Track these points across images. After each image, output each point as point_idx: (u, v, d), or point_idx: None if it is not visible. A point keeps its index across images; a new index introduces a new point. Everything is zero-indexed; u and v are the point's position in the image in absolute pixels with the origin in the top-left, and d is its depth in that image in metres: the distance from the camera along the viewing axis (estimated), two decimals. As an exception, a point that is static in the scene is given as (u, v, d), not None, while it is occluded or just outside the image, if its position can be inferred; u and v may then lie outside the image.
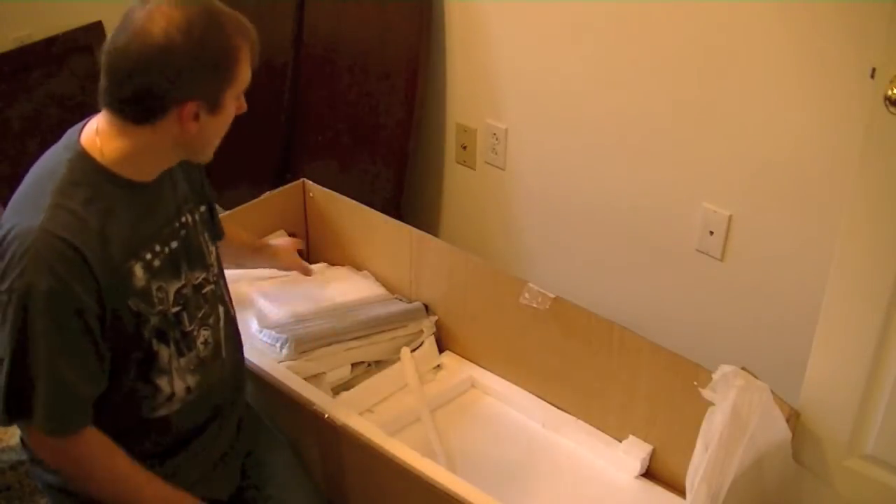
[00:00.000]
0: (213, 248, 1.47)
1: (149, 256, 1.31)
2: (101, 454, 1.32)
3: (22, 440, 1.42)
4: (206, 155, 1.34)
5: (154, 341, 1.33)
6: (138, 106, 1.22)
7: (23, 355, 1.21)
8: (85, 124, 1.29)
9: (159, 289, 1.33)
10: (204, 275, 1.42)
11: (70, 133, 1.30)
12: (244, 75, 1.27)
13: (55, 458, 1.32)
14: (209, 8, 1.23)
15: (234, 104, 1.29)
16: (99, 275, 1.23)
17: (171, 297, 1.35)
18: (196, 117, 1.24)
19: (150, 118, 1.23)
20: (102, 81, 1.22)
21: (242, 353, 1.56)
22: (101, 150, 1.26)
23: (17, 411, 1.25)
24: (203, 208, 1.46)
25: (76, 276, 1.21)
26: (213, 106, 1.25)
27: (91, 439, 1.30)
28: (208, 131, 1.28)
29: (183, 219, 1.39)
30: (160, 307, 1.33)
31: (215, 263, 1.47)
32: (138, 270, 1.29)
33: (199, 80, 1.22)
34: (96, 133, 1.26)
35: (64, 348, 1.22)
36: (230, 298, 1.53)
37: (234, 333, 1.53)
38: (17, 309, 1.20)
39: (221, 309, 1.48)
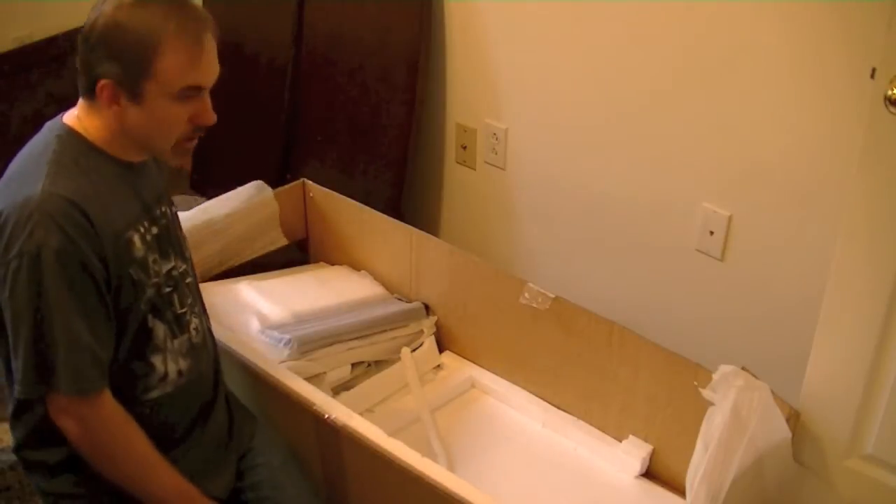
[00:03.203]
0: (186, 245, 1.51)
1: (142, 230, 1.36)
2: (120, 422, 1.33)
3: (15, 449, 1.41)
4: (155, 148, 1.35)
5: (150, 317, 1.36)
6: (82, 81, 1.30)
7: (41, 319, 1.23)
8: (63, 114, 1.35)
9: (154, 261, 1.37)
10: (184, 266, 1.46)
11: (53, 121, 1.35)
12: (170, 74, 1.26)
13: (80, 427, 1.31)
14: (149, 6, 1.26)
15: (170, 104, 1.28)
16: (103, 237, 1.26)
17: (163, 275, 1.38)
18: (115, 100, 1.28)
19: (90, 95, 1.29)
20: None
21: (217, 350, 1.57)
22: (86, 128, 1.32)
23: (41, 378, 1.26)
24: (174, 208, 1.49)
25: (82, 235, 1.24)
26: (133, 94, 1.27)
27: (110, 404, 1.31)
28: (137, 121, 1.30)
29: (162, 209, 1.43)
30: (155, 279, 1.36)
31: (191, 258, 1.51)
32: (137, 241, 1.33)
33: (108, 59, 1.26)
34: (77, 117, 1.33)
35: (78, 308, 1.24)
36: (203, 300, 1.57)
37: (210, 330, 1.55)
38: (30, 272, 1.21)
39: (202, 304, 1.52)
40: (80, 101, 1.33)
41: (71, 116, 1.34)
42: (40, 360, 1.25)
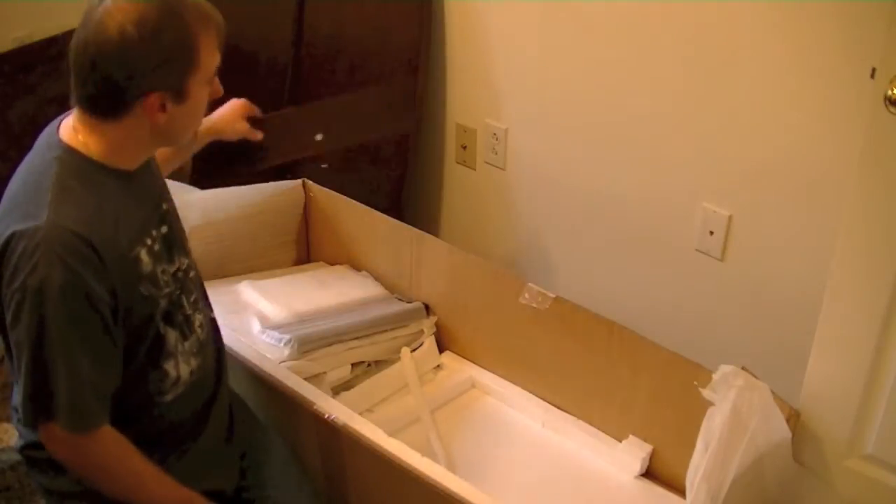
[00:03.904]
0: (186, 234, 1.50)
1: (149, 241, 1.33)
2: (117, 451, 1.32)
3: (22, 448, 1.41)
4: (184, 140, 1.37)
5: (162, 325, 1.35)
6: (103, 102, 1.23)
7: (41, 353, 1.22)
8: (59, 124, 1.30)
9: (163, 272, 1.35)
10: (187, 260, 1.45)
11: (48, 134, 1.31)
12: (208, 61, 1.27)
13: (75, 457, 1.31)
14: None
15: (204, 90, 1.29)
16: (110, 265, 1.24)
17: (171, 281, 1.37)
18: (163, 108, 1.24)
19: (116, 113, 1.24)
20: (71, 79, 1.24)
21: (221, 339, 1.56)
22: (85, 144, 1.27)
23: (40, 411, 1.25)
24: (172, 200, 1.47)
25: (88, 267, 1.21)
26: (179, 95, 1.25)
27: (109, 436, 1.30)
28: (179, 119, 1.28)
29: (164, 205, 1.41)
30: (167, 289, 1.35)
31: (190, 250, 1.49)
32: (144, 256, 1.31)
33: (157, 72, 1.22)
34: (75, 130, 1.28)
35: (81, 343, 1.23)
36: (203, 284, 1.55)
37: (212, 320, 1.53)
38: (32, 306, 1.20)
39: (202, 294, 1.51)
40: (82, 117, 1.27)
41: (67, 131, 1.28)
42: (39, 393, 1.24)
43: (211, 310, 1.54)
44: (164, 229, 1.38)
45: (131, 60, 1.20)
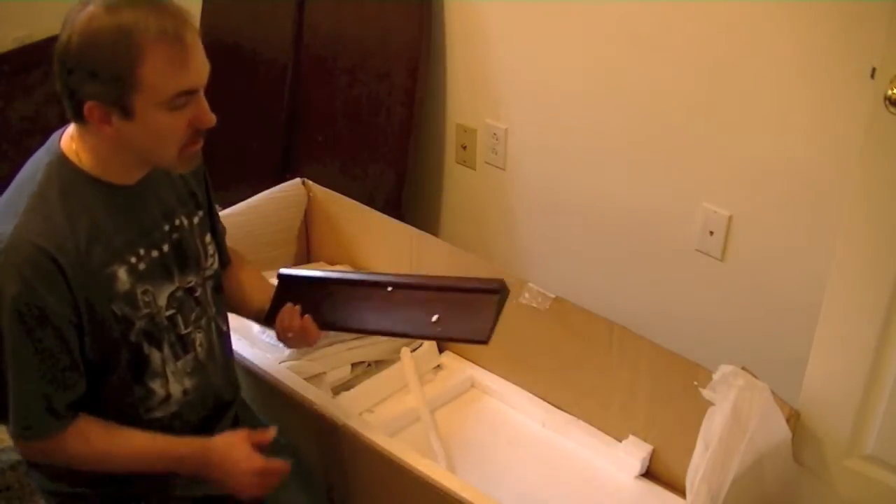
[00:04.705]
0: (212, 251, 1.45)
1: (133, 260, 1.30)
2: (85, 449, 1.31)
3: None
4: (154, 159, 1.29)
5: (144, 345, 1.32)
6: (68, 106, 1.23)
7: None
8: (65, 129, 1.30)
9: (145, 292, 1.32)
10: (195, 278, 1.41)
11: (53, 137, 1.30)
12: (158, 83, 1.19)
13: (36, 457, 1.33)
14: (121, 12, 1.18)
15: (167, 114, 1.22)
16: (74, 281, 1.22)
17: (164, 301, 1.34)
18: (107, 120, 1.21)
19: (77, 117, 1.23)
20: None
21: (232, 353, 1.54)
22: (77, 153, 1.26)
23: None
24: (201, 213, 1.43)
25: (46, 282, 1.20)
26: (124, 111, 1.20)
27: (73, 439, 1.30)
28: (132, 136, 1.23)
29: (176, 222, 1.38)
30: (146, 310, 1.32)
31: (211, 266, 1.45)
32: (122, 274, 1.28)
33: (89, 82, 1.19)
34: (71, 138, 1.27)
35: (32, 355, 1.22)
36: (222, 299, 1.51)
37: (223, 334, 1.51)
38: None
39: (213, 310, 1.46)
40: (73, 126, 1.27)
41: (66, 140, 1.27)
42: None
43: (226, 324, 1.51)
44: (164, 247, 1.34)
45: (67, 67, 1.19)
